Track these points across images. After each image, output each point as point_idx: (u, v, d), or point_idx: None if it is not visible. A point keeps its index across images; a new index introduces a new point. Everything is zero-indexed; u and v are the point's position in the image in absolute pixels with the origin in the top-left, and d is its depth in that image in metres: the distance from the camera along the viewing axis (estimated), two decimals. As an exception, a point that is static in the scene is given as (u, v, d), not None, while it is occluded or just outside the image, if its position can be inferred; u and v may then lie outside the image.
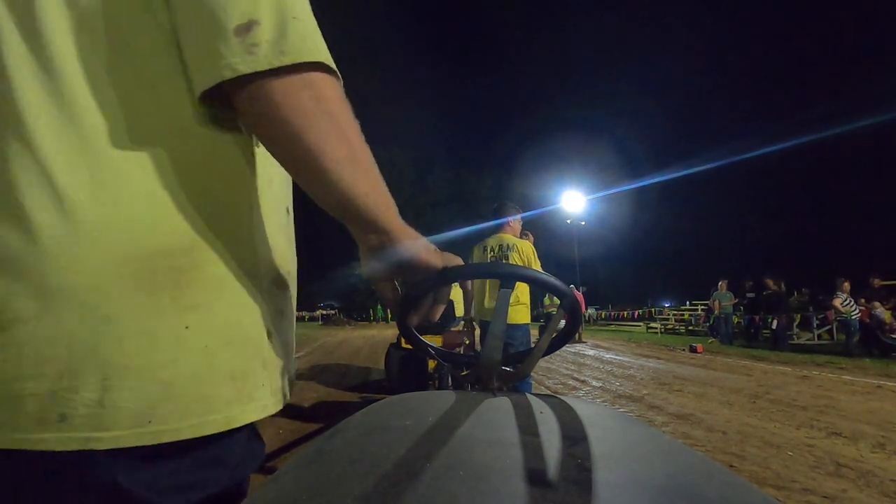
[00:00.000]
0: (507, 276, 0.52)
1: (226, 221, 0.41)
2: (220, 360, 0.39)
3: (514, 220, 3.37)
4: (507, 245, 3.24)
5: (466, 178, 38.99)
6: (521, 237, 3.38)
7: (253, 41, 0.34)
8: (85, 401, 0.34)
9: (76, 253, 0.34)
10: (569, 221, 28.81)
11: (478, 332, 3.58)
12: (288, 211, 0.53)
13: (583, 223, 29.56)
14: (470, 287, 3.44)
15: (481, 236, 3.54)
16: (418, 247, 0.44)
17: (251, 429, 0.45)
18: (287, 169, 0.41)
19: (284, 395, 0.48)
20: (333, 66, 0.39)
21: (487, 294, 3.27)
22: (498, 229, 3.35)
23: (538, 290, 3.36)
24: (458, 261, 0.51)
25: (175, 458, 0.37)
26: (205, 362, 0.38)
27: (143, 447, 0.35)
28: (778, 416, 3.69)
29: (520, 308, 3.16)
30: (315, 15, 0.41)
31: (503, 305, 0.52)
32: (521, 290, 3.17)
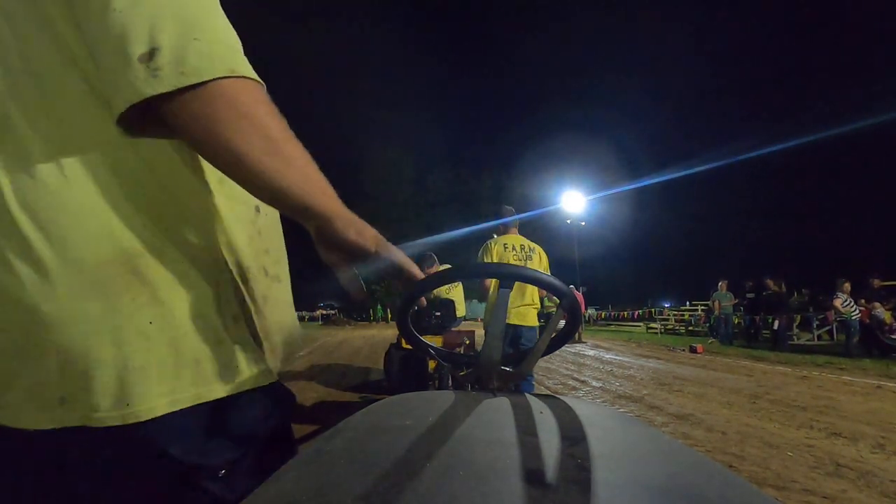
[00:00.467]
0: (509, 277, 0.52)
1: (176, 223, 0.46)
2: (184, 347, 0.45)
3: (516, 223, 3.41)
4: (529, 248, 3.26)
5: (466, 178, 39.01)
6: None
7: (156, 66, 0.38)
8: (77, 386, 0.40)
9: (48, 279, 0.40)
10: (569, 221, 28.80)
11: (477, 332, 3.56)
12: (257, 207, 0.57)
13: (583, 223, 29.54)
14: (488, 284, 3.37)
15: (482, 236, 3.54)
16: (353, 227, 0.47)
17: (263, 392, 0.51)
18: (220, 170, 0.43)
19: (269, 371, 0.52)
20: (246, 73, 0.42)
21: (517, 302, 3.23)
22: (507, 230, 3.36)
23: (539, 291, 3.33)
24: (394, 252, 0.51)
25: (198, 425, 0.45)
26: (170, 350, 0.44)
27: (172, 419, 0.42)
28: (778, 417, 3.69)
29: (532, 310, 3.18)
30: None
31: (502, 306, 0.52)
32: (533, 293, 3.18)
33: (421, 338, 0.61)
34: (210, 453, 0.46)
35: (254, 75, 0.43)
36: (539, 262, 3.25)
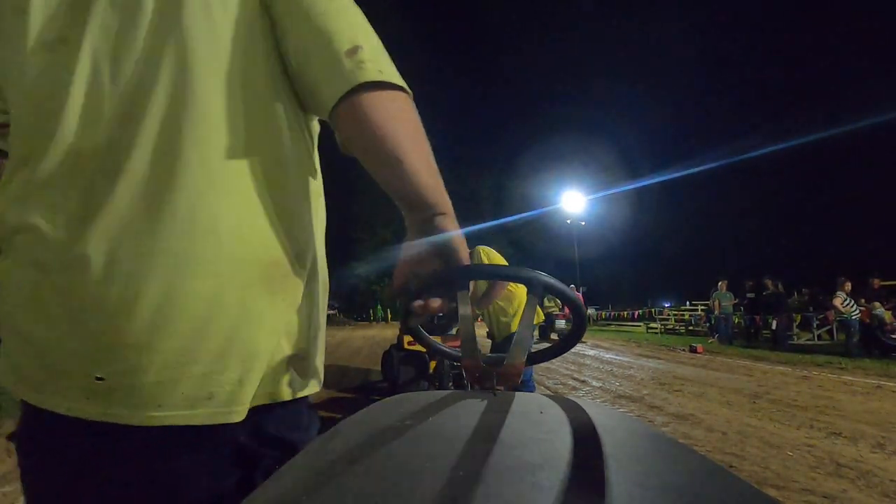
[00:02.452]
0: (525, 281, 0.52)
1: (306, 238, 0.52)
2: (302, 347, 0.51)
3: None
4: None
5: (466, 178, 39.03)
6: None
7: (360, 59, 0.45)
8: (230, 380, 0.43)
9: (222, 267, 0.44)
10: (569, 221, 28.81)
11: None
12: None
13: (583, 223, 29.53)
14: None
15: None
16: (458, 231, 0.52)
17: (309, 403, 0.58)
18: (370, 162, 0.49)
19: (320, 381, 0.59)
20: (409, 91, 0.50)
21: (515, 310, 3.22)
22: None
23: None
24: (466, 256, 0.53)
25: (269, 422, 0.49)
26: (295, 349, 0.50)
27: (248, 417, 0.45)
28: (778, 417, 3.69)
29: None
30: None
31: (531, 310, 0.52)
32: (522, 292, 3.18)
33: (423, 331, 0.61)
34: (299, 442, 0.51)
35: (412, 94, 0.51)
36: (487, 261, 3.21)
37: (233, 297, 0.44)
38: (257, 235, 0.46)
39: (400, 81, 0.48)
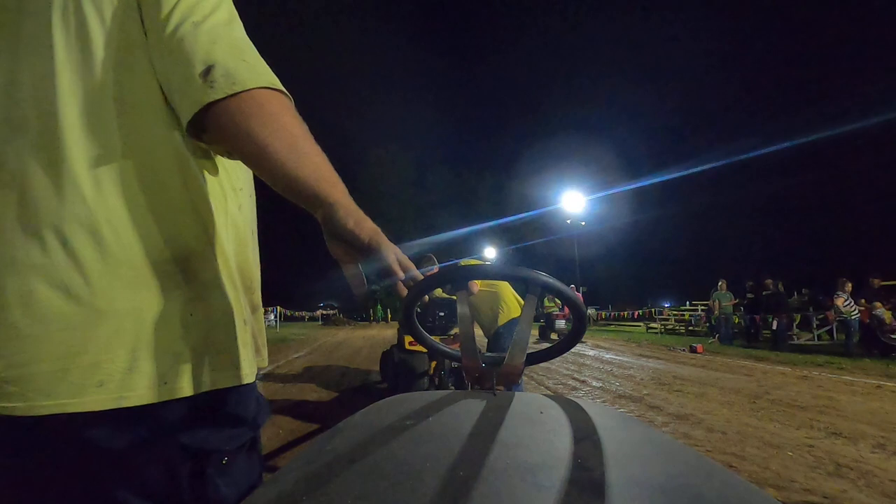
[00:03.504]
0: (527, 281, 0.52)
1: (211, 240, 0.55)
2: (213, 339, 0.52)
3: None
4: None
5: (466, 178, 39.01)
6: None
7: (212, 79, 0.48)
8: (119, 369, 0.46)
9: (114, 271, 0.47)
10: (569, 221, 28.78)
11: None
12: (253, 233, 0.68)
13: (583, 223, 29.49)
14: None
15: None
16: (352, 217, 0.50)
17: (257, 393, 0.60)
18: (248, 164, 0.52)
19: (257, 370, 0.61)
20: (278, 87, 0.52)
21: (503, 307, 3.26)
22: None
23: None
24: (389, 249, 0.51)
25: (213, 417, 0.52)
26: (203, 340, 0.51)
27: (169, 407, 0.48)
28: (778, 417, 3.69)
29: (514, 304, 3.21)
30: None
31: (529, 311, 0.52)
32: (503, 289, 3.22)
33: (423, 329, 0.61)
34: (221, 439, 0.53)
35: (285, 91, 0.53)
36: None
37: (117, 293, 0.47)
38: (139, 237, 0.49)
39: (261, 82, 0.50)
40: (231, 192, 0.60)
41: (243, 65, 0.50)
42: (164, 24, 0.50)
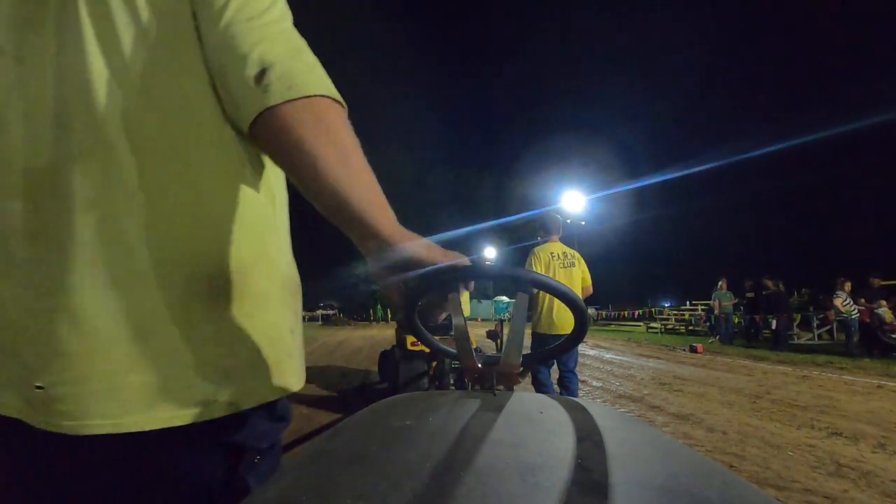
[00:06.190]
0: (527, 282, 0.52)
1: (261, 250, 0.53)
2: (263, 353, 0.52)
3: (561, 229, 3.58)
4: (571, 255, 3.42)
5: (466, 178, 39.05)
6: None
7: (267, 82, 0.45)
8: (169, 388, 0.45)
9: (161, 286, 0.45)
10: (569, 221, 28.76)
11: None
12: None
13: (583, 223, 29.50)
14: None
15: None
16: (417, 247, 0.48)
17: (287, 401, 0.59)
18: (293, 176, 0.48)
19: (303, 378, 0.61)
20: (336, 96, 0.49)
21: (556, 308, 3.26)
22: (550, 237, 3.49)
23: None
24: (464, 259, 0.50)
25: (254, 421, 0.51)
26: (253, 355, 0.51)
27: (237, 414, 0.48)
28: (778, 417, 3.69)
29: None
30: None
31: (522, 309, 0.52)
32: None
33: (424, 329, 0.61)
34: (258, 439, 0.53)
35: (342, 101, 0.50)
36: (580, 268, 3.38)
37: (165, 310, 0.45)
38: (188, 250, 0.46)
39: (317, 90, 0.47)
40: (279, 195, 0.58)
41: (301, 67, 0.47)
42: (216, 18, 0.46)
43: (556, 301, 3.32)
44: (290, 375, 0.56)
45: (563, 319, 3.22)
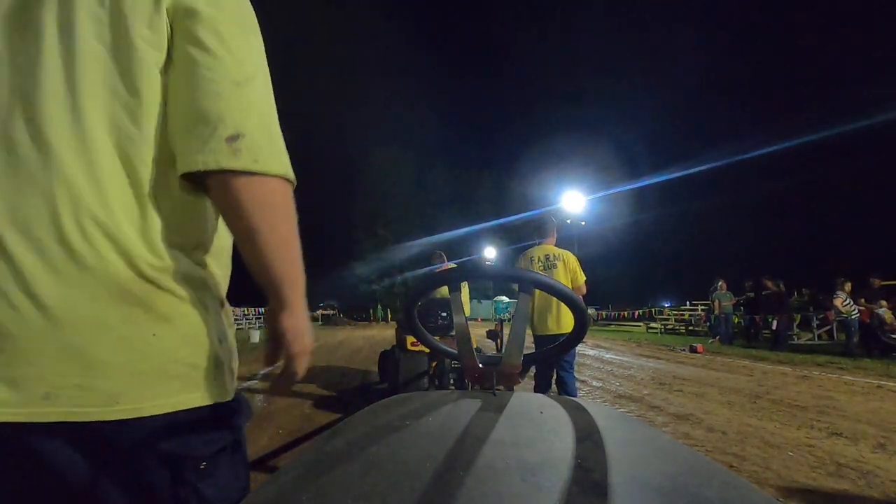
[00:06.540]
0: (526, 282, 0.52)
1: (189, 252, 0.54)
2: (179, 358, 0.51)
3: (555, 232, 3.49)
4: (554, 256, 3.30)
5: (466, 178, 38.99)
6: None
7: (237, 147, 0.49)
8: (68, 384, 0.44)
9: (78, 282, 0.45)
10: (569, 221, 28.75)
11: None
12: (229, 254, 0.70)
13: (583, 223, 29.48)
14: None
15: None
16: (301, 322, 0.59)
17: (233, 404, 0.58)
18: (232, 232, 0.54)
19: (230, 389, 0.59)
20: (289, 176, 0.54)
21: (555, 306, 3.23)
22: (544, 240, 3.42)
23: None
24: (300, 365, 0.60)
25: (181, 427, 0.51)
26: (166, 360, 0.50)
27: (156, 418, 0.48)
28: (778, 417, 3.69)
29: (569, 315, 3.23)
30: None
31: (522, 310, 0.52)
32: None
33: (424, 330, 0.61)
34: (198, 445, 0.53)
35: (293, 178, 0.55)
36: (564, 269, 3.27)
37: (80, 307, 0.45)
38: (114, 249, 0.47)
39: (277, 170, 0.52)
40: (213, 210, 0.59)
41: (269, 146, 0.52)
42: (209, 67, 0.50)
43: (539, 301, 3.30)
44: (215, 384, 0.55)
45: (543, 320, 3.21)
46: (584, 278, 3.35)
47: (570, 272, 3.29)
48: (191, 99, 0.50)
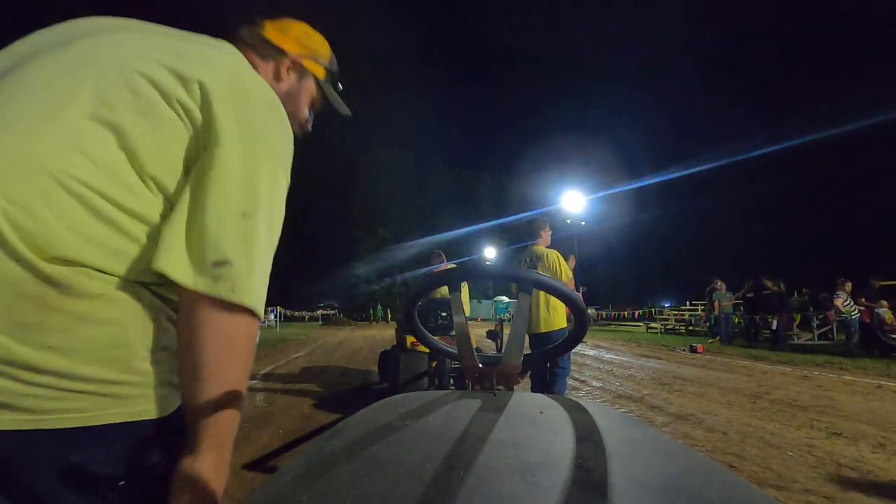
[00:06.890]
0: (526, 282, 0.52)
1: (110, 261, 0.50)
2: (81, 373, 0.47)
3: (545, 233, 3.64)
4: (536, 255, 3.48)
5: (466, 178, 38.98)
6: (566, 259, 3.59)
7: (220, 274, 0.49)
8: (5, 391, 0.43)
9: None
10: (569, 221, 28.74)
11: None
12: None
13: (583, 223, 29.47)
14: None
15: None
16: (214, 460, 0.52)
17: (158, 422, 0.54)
18: (180, 352, 0.53)
19: (166, 407, 0.55)
20: (258, 310, 0.53)
21: (542, 307, 3.33)
22: (536, 240, 3.60)
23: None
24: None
25: (97, 443, 0.48)
26: (65, 372, 0.46)
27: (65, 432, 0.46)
28: (778, 417, 3.69)
29: (556, 314, 3.31)
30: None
31: (522, 310, 0.52)
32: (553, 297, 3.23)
33: (424, 330, 0.61)
34: (109, 467, 0.49)
35: (261, 313, 0.54)
36: (544, 266, 3.38)
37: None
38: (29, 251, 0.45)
39: (251, 304, 0.52)
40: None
41: (249, 279, 0.52)
42: (224, 184, 0.51)
43: (543, 300, 3.37)
44: (141, 400, 0.52)
45: (534, 318, 3.31)
46: (570, 276, 3.48)
47: (548, 271, 3.37)
48: (194, 210, 0.51)
